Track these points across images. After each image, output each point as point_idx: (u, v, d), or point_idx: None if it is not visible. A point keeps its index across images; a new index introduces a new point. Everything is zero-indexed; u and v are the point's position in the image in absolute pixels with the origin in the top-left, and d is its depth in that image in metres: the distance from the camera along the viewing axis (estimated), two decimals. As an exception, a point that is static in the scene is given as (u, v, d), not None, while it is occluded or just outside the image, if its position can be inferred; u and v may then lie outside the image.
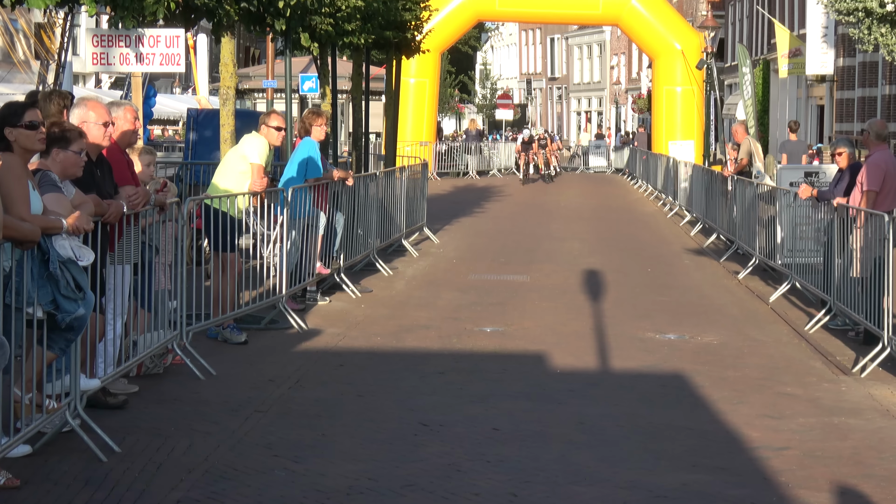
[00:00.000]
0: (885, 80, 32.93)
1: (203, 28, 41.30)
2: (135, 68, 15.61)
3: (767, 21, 45.13)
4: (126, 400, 10.01)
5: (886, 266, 12.21)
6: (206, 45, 56.46)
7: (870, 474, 8.81)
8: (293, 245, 14.28)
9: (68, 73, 23.10)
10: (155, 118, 38.89)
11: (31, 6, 11.91)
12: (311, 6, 16.20)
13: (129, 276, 9.96)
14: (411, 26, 24.25)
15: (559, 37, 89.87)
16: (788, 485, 8.50)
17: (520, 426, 9.83)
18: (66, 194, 8.41)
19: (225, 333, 12.86)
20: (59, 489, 7.75)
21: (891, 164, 14.04)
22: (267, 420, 9.77)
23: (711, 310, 16.12)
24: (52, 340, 8.02)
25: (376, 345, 13.21)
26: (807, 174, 20.40)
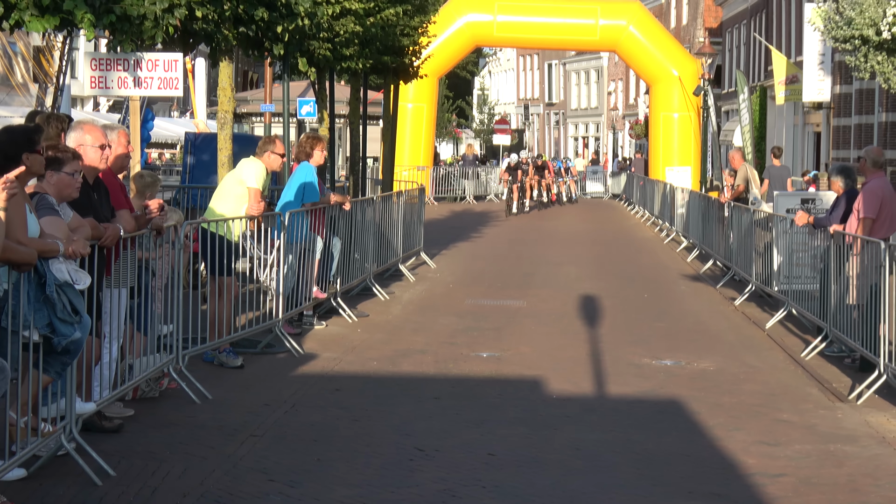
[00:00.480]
0: (881, 108, 32.99)
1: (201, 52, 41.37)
2: (133, 92, 15.59)
3: (764, 48, 45.24)
4: (121, 424, 9.99)
5: (883, 293, 12.22)
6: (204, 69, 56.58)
7: (866, 502, 8.81)
8: (290, 269, 14.28)
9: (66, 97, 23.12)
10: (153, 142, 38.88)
11: (29, 30, 11.92)
12: (310, 31, 16.23)
13: (126, 299, 9.96)
14: (409, 51, 24.31)
15: (557, 62, 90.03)
16: (784, 512, 8.49)
17: (515, 452, 9.81)
18: (63, 217, 8.41)
19: (221, 357, 12.85)
20: (54, 513, 7.74)
21: (887, 191, 14.06)
22: (262, 444, 9.76)
23: (708, 336, 16.12)
24: (48, 364, 8.02)
25: (372, 369, 13.20)
26: (803, 201, 20.41)
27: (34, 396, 8.05)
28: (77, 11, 11.78)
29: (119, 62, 14.98)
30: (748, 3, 51.75)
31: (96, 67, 15.06)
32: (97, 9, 12.17)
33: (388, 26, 20.88)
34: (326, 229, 15.48)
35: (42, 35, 19.37)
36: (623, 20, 45.09)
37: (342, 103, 29.34)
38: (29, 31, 12.71)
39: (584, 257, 27.25)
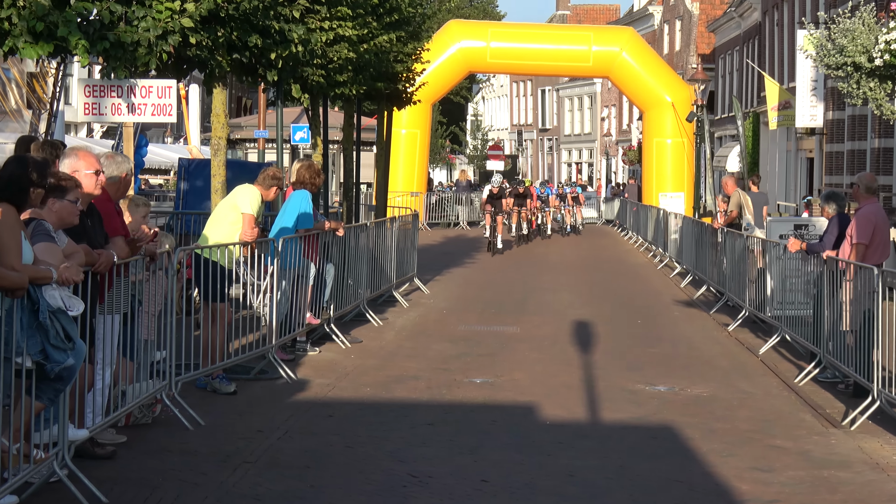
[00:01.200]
0: (874, 134, 33.06)
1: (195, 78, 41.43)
2: (126, 118, 15.62)
3: (757, 74, 45.37)
4: (114, 450, 9.97)
5: (876, 319, 12.24)
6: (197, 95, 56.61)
7: (860, 528, 8.80)
8: (283, 295, 14.27)
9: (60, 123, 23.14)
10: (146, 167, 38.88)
11: (23, 56, 11.96)
12: (303, 58, 16.27)
13: (119, 325, 9.95)
14: (403, 78, 24.35)
15: (550, 88, 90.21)
16: (778, 538, 8.49)
17: (509, 478, 9.80)
18: (58, 244, 8.41)
19: (214, 384, 12.83)
20: (46, 540, 7.72)
21: (880, 217, 14.09)
22: (255, 471, 9.74)
23: (701, 362, 16.12)
24: (41, 390, 8.00)
25: (366, 395, 13.18)
26: (796, 227, 20.46)
27: (27, 423, 8.03)
28: (71, 38, 11.81)
29: (113, 88, 15.00)
30: (741, 30, 51.93)
31: (90, 94, 15.08)
32: (91, 35, 12.21)
33: (382, 52, 20.92)
34: (320, 255, 15.49)
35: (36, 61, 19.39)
36: (616, 46, 45.22)
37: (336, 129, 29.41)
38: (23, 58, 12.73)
39: (577, 283, 27.25)
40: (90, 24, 12.37)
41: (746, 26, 50.74)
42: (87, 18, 12.35)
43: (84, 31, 12.20)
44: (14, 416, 7.86)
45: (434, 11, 29.30)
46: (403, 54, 23.24)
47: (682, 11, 63.62)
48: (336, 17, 17.38)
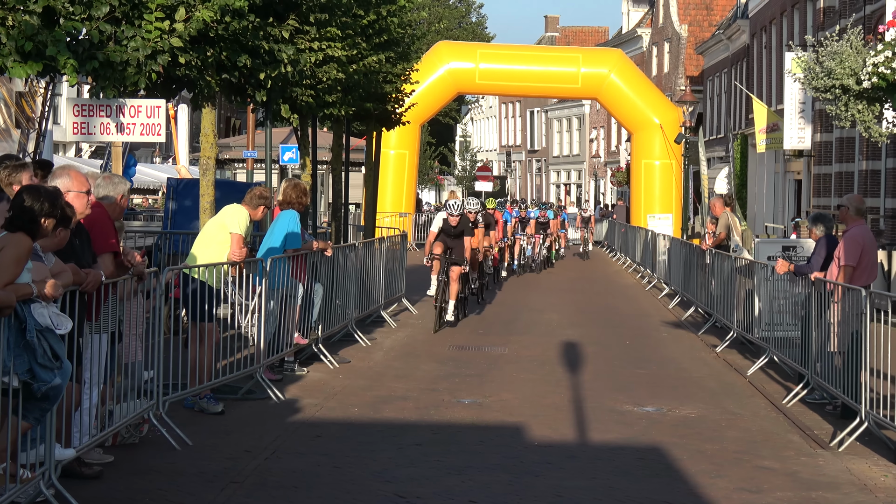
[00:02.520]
0: (861, 156, 33.17)
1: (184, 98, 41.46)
2: (115, 138, 15.63)
3: (745, 96, 45.51)
4: (101, 470, 9.94)
5: (864, 340, 12.25)
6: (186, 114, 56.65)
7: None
8: (271, 315, 14.26)
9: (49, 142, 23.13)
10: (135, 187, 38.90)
11: (12, 75, 11.95)
12: (292, 78, 16.29)
13: (106, 345, 9.93)
14: (392, 98, 24.41)
15: (538, 110, 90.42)
16: (766, 559, 8.48)
17: (497, 499, 9.78)
18: (45, 262, 8.42)
19: (201, 403, 12.81)
20: (32, 560, 7.68)
21: (868, 239, 14.12)
22: (243, 491, 9.71)
23: (689, 383, 16.12)
24: (28, 410, 7.98)
25: (354, 416, 13.16)
26: (784, 248, 20.49)
27: (13, 442, 8.01)
28: (60, 57, 11.81)
29: (102, 108, 15.01)
30: (729, 52, 52.10)
31: (79, 113, 15.09)
32: (80, 55, 12.21)
33: (371, 73, 20.95)
34: (308, 275, 15.48)
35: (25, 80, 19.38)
36: (604, 68, 45.34)
37: (325, 149, 29.42)
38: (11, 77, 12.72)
39: (565, 303, 27.26)
40: (79, 43, 12.37)
41: (734, 49, 50.91)
42: (76, 38, 12.35)
43: (73, 51, 12.20)
44: (0, 436, 7.83)
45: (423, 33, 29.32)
46: (392, 75, 23.30)
47: (671, 34, 63.83)
48: (325, 37, 17.40)
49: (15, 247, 7.70)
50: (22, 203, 7.92)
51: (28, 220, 7.86)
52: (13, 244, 7.70)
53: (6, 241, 7.75)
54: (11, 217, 7.91)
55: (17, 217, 7.87)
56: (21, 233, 7.79)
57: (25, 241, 7.77)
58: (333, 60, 18.00)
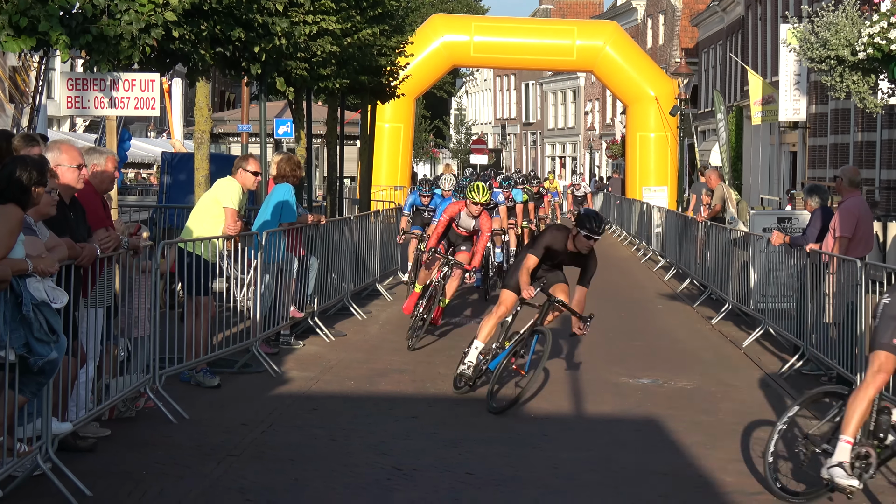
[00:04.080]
0: (856, 127, 33.15)
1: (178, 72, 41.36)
2: (109, 112, 15.56)
3: (740, 68, 45.45)
4: (95, 442, 9.96)
5: (859, 312, 12.27)
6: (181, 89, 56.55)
7: (843, 519, 8.83)
8: (267, 289, 14.27)
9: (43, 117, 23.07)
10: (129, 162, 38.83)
11: (5, 50, 11.91)
12: (287, 51, 16.25)
13: (102, 319, 9.95)
14: (386, 71, 24.36)
15: (534, 83, 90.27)
16: (762, 529, 8.52)
17: (494, 470, 9.81)
18: (39, 237, 8.41)
19: (198, 377, 12.82)
20: (30, 533, 7.71)
21: (863, 210, 14.13)
22: (240, 464, 9.74)
23: (685, 355, 16.15)
24: (24, 384, 7.99)
25: (350, 389, 13.19)
26: (780, 220, 20.50)
27: (10, 417, 8.02)
28: (52, 32, 11.78)
29: (95, 82, 14.95)
30: (724, 24, 52.00)
31: (73, 87, 15.03)
32: (73, 29, 12.17)
33: (366, 46, 20.92)
34: (304, 249, 15.47)
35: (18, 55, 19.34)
36: (600, 41, 45.23)
37: (319, 123, 29.40)
38: (5, 52, 12.70)
39: (561, 277, 27.23)
40: (72, 17, 12.33)
41: (729, 20, 50.82)
42: (69, 12, 12.30)
43: (66, 25, 12.15)
44: (-3, 410, 7.85)
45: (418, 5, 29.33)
46: (387, 48, 23.26)
47: (666, 6, 63.70)
48: (319, 10, 17.38)
49: (6, 219, 7.67)
50: (11, 174, 7.89)
51: (18, 191, 7.83)
52: (4, 216, 7.67)
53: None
54: (0, 189, 7.87)
55: (6, 188, 7.84)
56: (11, 204, 7.76)
57: (16, 211, 7.74)
58: (328, 33, 17.98)
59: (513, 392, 12.11)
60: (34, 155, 8.81)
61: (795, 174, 40.78)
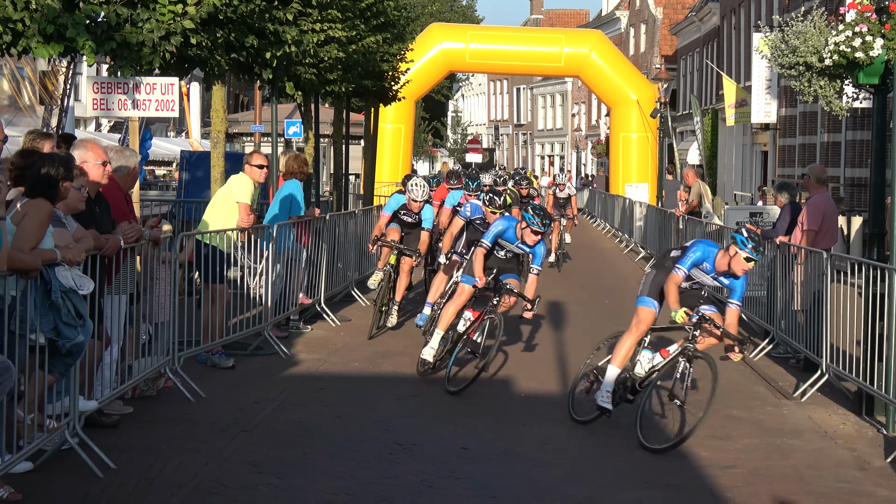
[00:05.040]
0: (823, 129, 33.12)
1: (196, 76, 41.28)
2: (132, 113, 15.56)
3: (716, 74, 45.40)
4: (119, 418, 9.96)
5: (825, 299, 12.29)
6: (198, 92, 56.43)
7: (809, 491, 8.84)
8: (277, 277, 14.26)
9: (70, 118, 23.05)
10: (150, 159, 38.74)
11: (36, 55, 11.89)
12: (296, 57, 16.22)
13: (125, 305, 9.95)
14: (388, 76, 24.32)
15: (524, 87, 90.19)
16: (735, 500, 8.52)
17: (486, 445, 9.81)
18: (68, 229, 8.42)
19: (214, 359, 12.82)
20: (59, 503, 7.70)
21: (829, 205, 14.14)
22: (252, 439, 9.74)
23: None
24: (53, 365, 8.00)
25: (354, 370, 13.18)
26: (752, 214, 20.50)
27: (40, 395, 8.03)
28: (79, 39, 11.75)
29: (119, 86, 14.95)
30: (701, 33, 51.95)
31: (98, 90, 15.03)
32: (99, 36, 12.14)
33: (369, 53, 20.88)
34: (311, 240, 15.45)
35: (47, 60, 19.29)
36: (586, 48, 45.19)
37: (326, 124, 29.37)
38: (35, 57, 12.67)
39: (546, 267, 27.23)
40: (98, 25, 12.31)
41: (706, 29, 50.77)
42: (95, 20, 12.29)
43: (92, 33, 12.13)
44: (28, 389, 7.85)
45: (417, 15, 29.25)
46: (389, 54, 23.21)
47: (647, 16, 63.62)
48: (327, 19, 17.34)
49: (37, 212, 7.70)
50: (39, 171, 7.91)
51: (46, 186, 7.86)
52: (35, 210, 7.70)
53: (28, 207, 7.75)
54: (30, 185, 7.91)
55: (36, 184, 7.86)
56: (41, 198, 7.79)
57: (46, 205, 7.77)
58: (334, 41, 17.94)
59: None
60: (60, 153, 8.81)
61: (766, 172, 40.76)
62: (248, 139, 45.08)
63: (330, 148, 32.93)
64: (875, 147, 13.47)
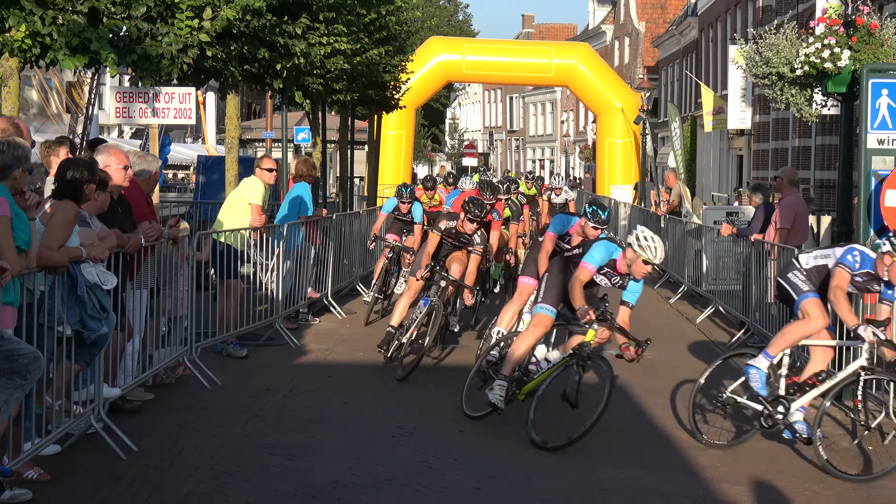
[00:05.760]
0: (794, 134, 33.13)
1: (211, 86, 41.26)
2: (152, 120, 15.55)
3: (695, 83, 45.40)
4: (141, 405, 9.95)
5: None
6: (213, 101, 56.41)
7: (782, 471, 8.85)
8: (287, 273, 14.25)
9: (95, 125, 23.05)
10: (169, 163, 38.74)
11: (62, 67, 11.89)
12: (305, 68, 16.23)
13: (146, 298, 9.94)
14: (390, 86, 24.32)
15: (517, 96, 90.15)
16: (713, 479, 8.53)
17: (481, 429, 9.80)
18: (92, 228, 8.42)
19: (228, 349, 12.82)
20: (84, 483, 7.71)
21: (800, 205, 14.14)
22: (264, 424, 9.73)
23: (647, 330, 16.02)
24: (79, 355, 8.00)
25: (359, 359, 13.17)
26: (728, 214, 20.49)
27: (67, 383, 8.03)
28: (103, 52, 11.76)
29: (140, 95, 14.94)
30: (681, 45, 51.94)
31: (121, 99, 15.02)
32: (121, 49, 12.14)
33: (373, 64, 20.88)
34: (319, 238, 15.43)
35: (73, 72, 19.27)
36: (574, 59, 45.14)
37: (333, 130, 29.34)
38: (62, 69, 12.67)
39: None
40: (120, 39, 12.31)
41: (685, 42, 50.76)
42: (117, 34, 12.29)
43: (114, 46, 12.12)
44: (56, 377, 7.85)
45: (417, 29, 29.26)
46: (391, 66, 23.21)
47: (631, 29, 63.61)
48: (333, 33, 17.33)
49: (63, 212, 7.70)
50: (65, 174, 7.92)
51: (72, 189, 7.87)
52: (62, 210, 7.70)
53: (56, 208, 7.76)
54: (57, 187, 7.92)
55: (63, 187, 7.88)
56: (67, 199, 7.79)
57: (72, 206, 7.78)
58: (340, 53, 17.95)
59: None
60: (84, 157, 8.82)
61: (742, 174, 40.77)
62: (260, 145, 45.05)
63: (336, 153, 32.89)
64: (843, 151, 13.49)
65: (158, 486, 7.71)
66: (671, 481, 8.47)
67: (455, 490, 7.98)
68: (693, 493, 8.20)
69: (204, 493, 7.62)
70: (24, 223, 7.03)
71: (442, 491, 7.94)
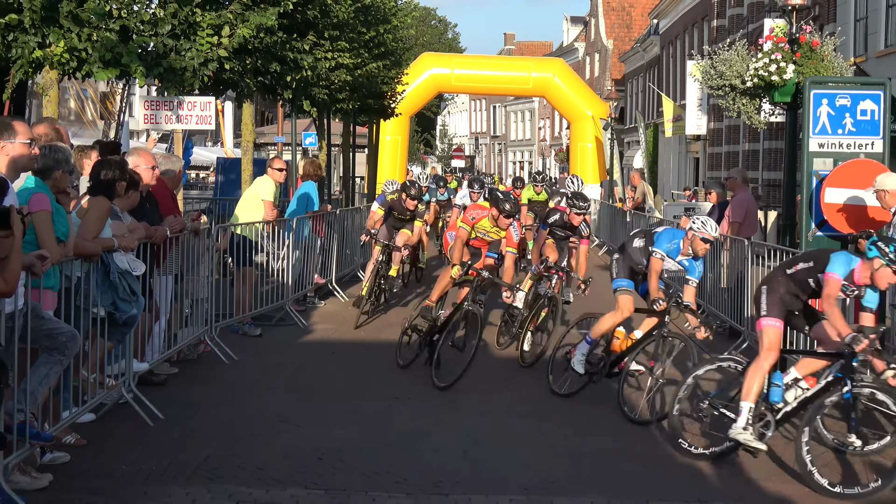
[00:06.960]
0: (745, 139, 33.15)
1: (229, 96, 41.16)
2: (176, 126, 15.49)
3: (657, 94, 45.40)
4: (166, 378, 9.93)
5: (746, 279, 12.30)
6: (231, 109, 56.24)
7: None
8: (296, 261, 14.22)
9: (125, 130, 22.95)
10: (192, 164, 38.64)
11: (97, 78, 11.85)
12: (312, 80, 16.18)
13: (171, 284, 9.91)
14: (388, 96, 24.28)
15: (500, 105, 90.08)
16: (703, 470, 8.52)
17: (475, 405, 9.78)
18: (123, 221, 8.41)
19: (244, 328, 12.79)
20: (116, 447, 7.68)
21: (751, 202, 14.15)
22: (276, 395, 9.71)
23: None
24: (111, 334, 7.97)
25: (361, 338, 13.15)
26: (686, 209, 20.48)
27: (101, 358, 8.00)
28: (132, 65, 11.73)
29: (166, 103, 14.87)
30: (644, 60, 51.93)
31: (148, 108, 14.95)
32: (149, 63, 12.12)
33: (372, 77, 20.84)
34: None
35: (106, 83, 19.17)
36: (550, 73, 45.09)
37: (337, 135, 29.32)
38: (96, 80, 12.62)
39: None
40: (148, 53, 12.28)
41: (649, 58, 50.76)
42: (145, 49, 12.26)
43: (143, 60, 12.09)
44: (91, 353, 7.83)
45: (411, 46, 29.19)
46: (388, 78, 23.17)
47: (600, 46, 63.57)
48: (337, 49, 17.29)
49: (97, 207, 7.68)
50: (99, 173, 7.92)
51: (105, 186, 7.86)
52: (96, 206, 7.68)
53: (91, 203, 7.75)
54: (92, 185, 7.92)
55: (97, 185, 7.87)
56: (101, 196, 7.77)
57: (105, 202, 7.76)
58: (343, 67, 17.89)
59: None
60: (116, 158, 8.79)
61: (698, 175, 40.79)
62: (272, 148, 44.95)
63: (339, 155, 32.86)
64: (787, 154, 13.49)
65: (182, 450, 7.69)
66: (644, 447, 8.46)
67: (445, 453, 7.96)
68: (664, 455, 8.18)
69: (222, 457, 7.60)
70: (62, 217, 7.01)
71: (433, 454, 7.93)
